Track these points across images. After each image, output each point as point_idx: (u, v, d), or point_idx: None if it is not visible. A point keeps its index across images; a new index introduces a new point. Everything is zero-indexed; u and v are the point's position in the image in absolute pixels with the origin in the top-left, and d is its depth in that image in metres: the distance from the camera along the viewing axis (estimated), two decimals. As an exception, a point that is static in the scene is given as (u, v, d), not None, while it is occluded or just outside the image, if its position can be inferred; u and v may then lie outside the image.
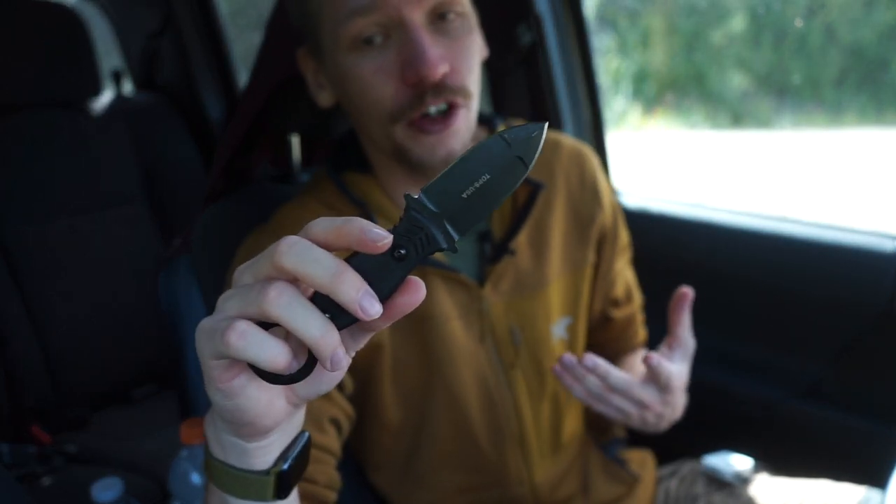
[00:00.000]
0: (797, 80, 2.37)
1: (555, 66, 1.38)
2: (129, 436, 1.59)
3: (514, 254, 0.86)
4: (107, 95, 1.89)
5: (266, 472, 0.49)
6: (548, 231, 0.90)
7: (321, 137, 1.15)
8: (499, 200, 0.44)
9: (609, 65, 2.48)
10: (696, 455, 1.03)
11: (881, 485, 0.83)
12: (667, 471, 1.04)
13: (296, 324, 0.41)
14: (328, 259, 0.41)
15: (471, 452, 0.88)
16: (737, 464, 0.97)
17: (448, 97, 0.75)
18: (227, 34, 2.08)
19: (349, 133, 0.91)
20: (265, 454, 0.49)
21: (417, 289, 0.43)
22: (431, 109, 0.75)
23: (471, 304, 0.84)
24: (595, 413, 0.98)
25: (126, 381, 1.75)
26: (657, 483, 1.03)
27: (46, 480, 1.43)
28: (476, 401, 0.86)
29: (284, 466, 0.49)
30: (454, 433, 0.86)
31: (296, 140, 1.12)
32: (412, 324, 0.82)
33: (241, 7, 2.38)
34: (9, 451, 1.45)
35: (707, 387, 1.27)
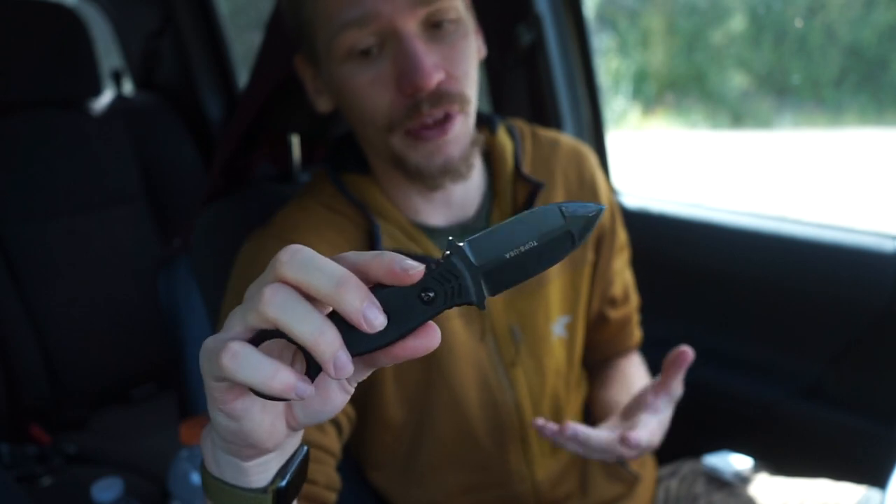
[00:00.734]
0: (797, 80, 2.36)
1: (555, 66, 1.38)
2: (129, 436, 1.59)
3: None
4: (107, 95, 1.89)
5: (264, 490, 0.48)
6: None
7: (321, 137, 1.15)
8: (539, 270, 0.43)
9: (609, 65, 2.48)
10: (697, 455, 1.03)
11: (881, 485, 0.83)
12: (667, 470, 1.04)
13: (292, 322, 0.39)
14: (332, 267, 0.40)
15: (473, 451, 0.88)
16: (737, 463, 0.97)
17: (445, 107, 0.75)
18: (227, 34, 2.08)
19: (347, 134, 0.91)
20: (262, 472, 0.48)
21: (433, 336, 0.42)
22: (428, 120, 0.76)
23: None
24: (595, 417, 0.99)
25: (125, 381, 1.76)
26: (657, 482, 1.03)
27: (46, 480, 1.43)
28: (477, 399, 0.86)
29: (282, 483, 0.48)
30: (456, 432, 0.86)
31: (296, 140, 1.12)
32: None
33: (241, 7, 2.38)
34: (8, 452, 1.45)
35: (707, 387, 1.28)
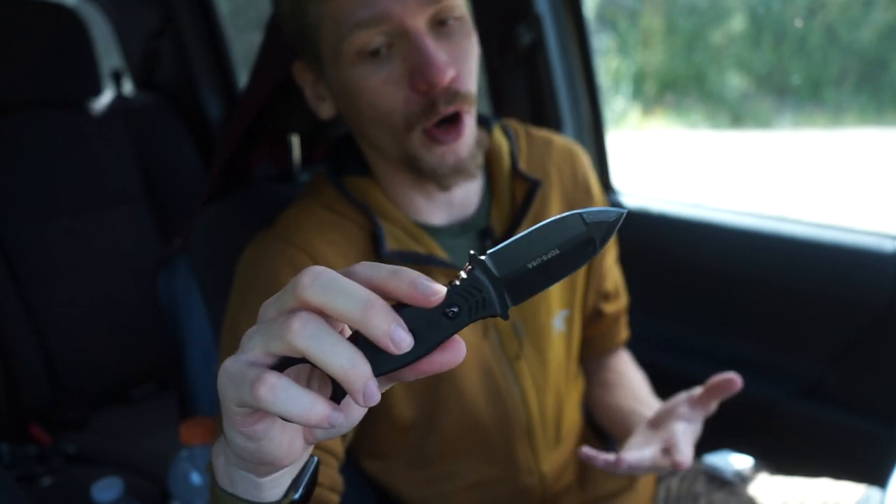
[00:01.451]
0: (797, 80, 2.37)
1: (555, 66, 1.38)
2: (129, 436, 1.59)
3: None
4: (107, 95, 1.89)
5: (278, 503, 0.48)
6: None
7: (321, 137, 1.15)
8: (561, 277, 0.43)
9: (609, 65, 2.48)
10: (697, 454, 1.03)
11: (881, 485, 0.83)
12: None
13: (323, 355, 0.39)
14: (357, 290, 0.39)
15: (480, 445, 0.88)
16: (737, 463, 0.97)
17: (458, 104, 0.76)
18: (227, 34, 2.08)
19: (346, 136, 0.91)
20: (277, 486, 0.48)
21: (459, 351, 0.42)
22: (444, 115, 0.76)
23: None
24: (602, 421, 1.02)
25: (125, 381, 1.75)
26: (658, 481, 1.03)
27: (46, 480, 1.43)
28: (483, 394, 0.87)
29: (296, 496, 0.48)
30: (463, 427, 0.87)
31: (296, 140, 1.12)
32: None
33: (241, 7, 2.38)
34: (8, 452, 1.45)
35: (707, 387, 1.27)
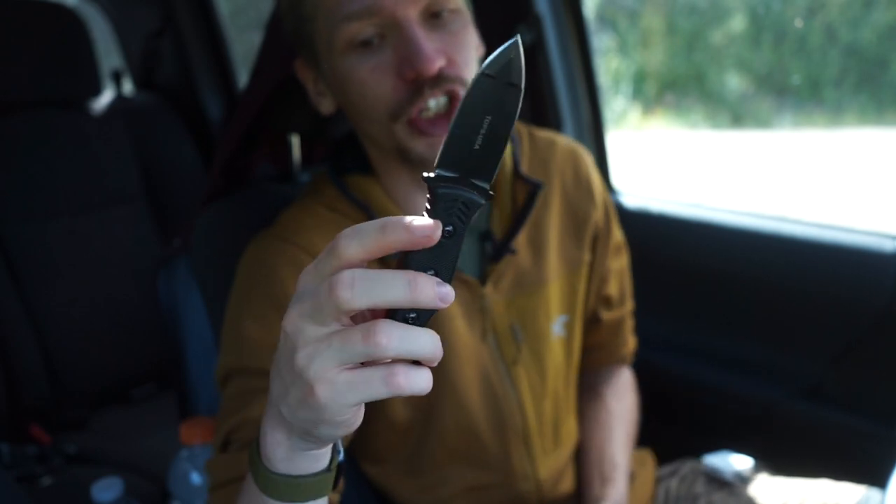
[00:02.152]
0: (797, 80, 2.37)
1: (555, 66, 1.38)
2: (129, 436, 1.59)
3: (516, 252, 0.86)
4: (107, 95, 1.89)
5: (328, 469, 0.52)
6: (546, 230, 0.90)
7: (321, 137, 1.15)
8: (508, 134, 0.43)
9: (609, 65, 2.48)
10: (697, 455, 1.03)
11: (881, 485, 0.83)
12: (667, 470, 1.04)
13: (413, 353, 0.42)
14: (395, 278, 0.41)
15: (476, 449, 0.88)
16: (737, 463, 0.97)
17: (446, 87, 0.75)
18: (227, 34, 2.08)
19: (349, 134, 0.91)
20: (329, 453, 0.52)
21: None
22: (431, 103, 0.75)
23: (473, 303, 0.85)
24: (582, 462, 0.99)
25: (125, 381, 1.75)
26: (657, 482, 1.03)
27: (46, 480, 1.43)
28: (480, 398, 0.86)
29: (341, 457, 0.53)
30: (460, 430, 0.87)
31: (296, 140, 1.12)
32: None
33: (241, 7, 2.38)
34: (9, 451, 1.45)
35: (707, 387, 1.28)
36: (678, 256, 1.34)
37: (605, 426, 0.97)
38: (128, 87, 2.13)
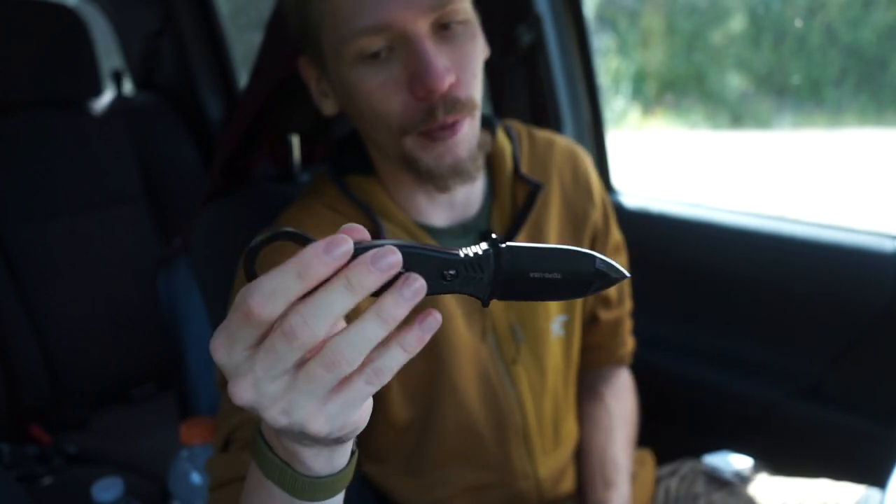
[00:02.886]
0: (797, 80, 2.37)
1: (555, 66, 1.38)
2: (129, 436, 1.59)
3: None
4: (107, 95, 1.89)
5: (346, 465, 0.51)
6: (545, 230, 0.90)
7: (321, 137, 1.15)
8: (547, 299, 0.44)
9: (609, 65, 2.49)
10: (696, 454, 1.03)
11: (881, 485, 0.83)
12: (667, 470, 1.04)
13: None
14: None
15: (476, 449, 0.88)
16: (737, 463, 0.97)
17: (457, 114, 0.76)
18: (227, 34, 2.08)
19: (351, 134, 0.91)
20: (347, 449, 0.52)
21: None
22: (443, 123, 0.76)
23: (472, 302, 0.85)
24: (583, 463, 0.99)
25: (125, 381, 1.75)
26: (657, 482, 1.03)
27: (46, 480, 1.43)
28: (479, 397, 0.86)
29: (356, 451, 0.53)
30: (459, 430, 0.87)
31: (296, 140, 1.12)
32: None
33: (241, 7, 2.38)
34: (9, 451, 1.45)
35: (707, 387, 1.28)
36: (678, 256, 1.34)
37: (606, 427, 0.98)
38: (128, 87, 2.13)
